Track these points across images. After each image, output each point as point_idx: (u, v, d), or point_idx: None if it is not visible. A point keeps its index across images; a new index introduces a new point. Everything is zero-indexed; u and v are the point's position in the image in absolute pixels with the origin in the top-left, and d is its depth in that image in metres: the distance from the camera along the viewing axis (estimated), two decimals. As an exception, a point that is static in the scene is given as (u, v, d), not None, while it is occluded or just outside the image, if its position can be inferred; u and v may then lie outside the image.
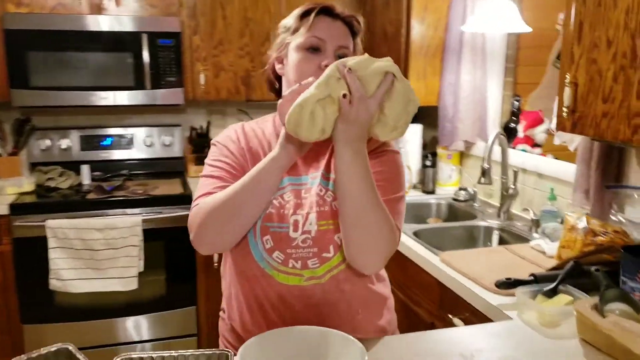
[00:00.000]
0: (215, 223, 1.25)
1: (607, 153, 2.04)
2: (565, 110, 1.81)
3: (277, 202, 1.34)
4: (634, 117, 1.59)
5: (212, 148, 1.42)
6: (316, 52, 1.30)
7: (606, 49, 1.67)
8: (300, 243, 1.32)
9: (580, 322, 1.45)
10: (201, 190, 1.34)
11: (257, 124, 1.45)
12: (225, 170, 1.35)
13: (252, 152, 1.38)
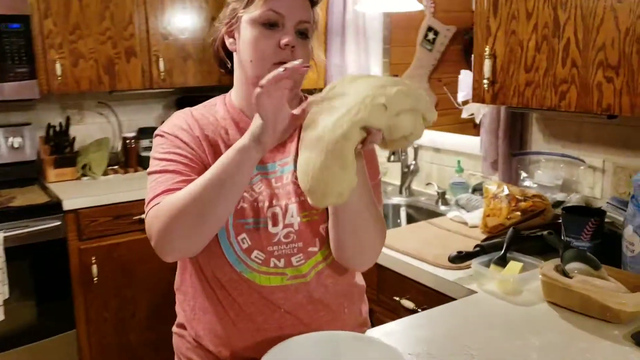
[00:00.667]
0: (180, 226, 1.06)
1: (512, 122, 2.14)
2: (485, 82, 1.85)
3: (249, 195, 1.18)
4: (561, 84, 1.67)
5: (158, 140, 1.21)
6: (274, 28, 1.13)
7: (526, 21, 1.73)
8: (283, 238, 1.18)
9: (548, 285, 1.48)
10: (157, 188, 1.13)
11: (205, 109, 1.26)
12: (182, 163, 1.15)
13: (210, 141, 1.19)
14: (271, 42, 1.12)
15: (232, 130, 1.21)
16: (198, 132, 1.19)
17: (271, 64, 1.11)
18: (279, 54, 1.12)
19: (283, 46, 1.11)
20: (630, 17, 1.48)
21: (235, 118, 1.22)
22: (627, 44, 1.50)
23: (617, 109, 1.55)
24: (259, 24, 1.13)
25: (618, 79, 1.53)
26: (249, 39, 1.15)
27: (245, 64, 1.17)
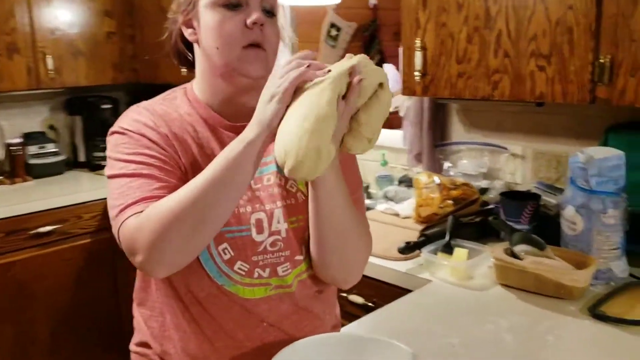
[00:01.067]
0: (177, 236, 0.94)
1: (435, 114, 2.19)
2: (417, 74, 1.87)
3: None
4: (494, 74, 1.72)
5: (118, 138, 1.06)
6: (238, 8, 1.03)
7: (456, 13, 1.77)
8: (269, 247, 1.09)
9: (502, 268, 1.52)
10: (130, 195, 0.99)
11: (166, 104, 1.12)
12: (156, 166, 1.02)
13: (179, 139, 1.07)
14: (237, 23, 1.02)
15: (201, 127, 1.09)
16: (165, 129, 1.06)
17: (240, 47, 1.03)
18: (247, 35, 1.02)
19: (251, 25, 1.02)
20: (561, 9, 1.56)
21: (202, 114, 1.10)
22: (558, 34, 1.58)
23: (549, 96, 1.63)
24: (220, 6, 1.03)
25: (550, 68, 1.61)
26: (211, 24, 1.04)
27: (210, 52, 1.06)
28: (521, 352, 1.21)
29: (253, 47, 1.03)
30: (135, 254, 0.96)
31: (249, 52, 1.03)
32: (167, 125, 1.07)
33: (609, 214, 1.47)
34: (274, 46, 1.07)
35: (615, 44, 1.48)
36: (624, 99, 1.49)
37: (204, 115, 1.10)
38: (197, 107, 1.11)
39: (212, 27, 1.04)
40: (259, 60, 1.04)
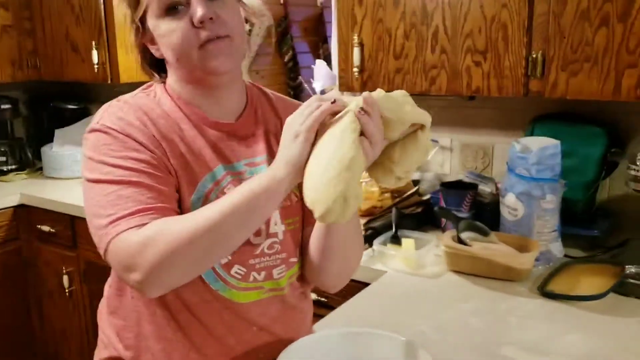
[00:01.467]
0: (184, 261, 0.89)
1: (366, 109, 2.23)
2: (355, 70, 1.89)
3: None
4: (431, 69, 1.79)
5: (101, 138, 0.97)
6: (179, 11, 0.95)
7: (393, 9, 1.81)
8: (266, 250, 1.05)
9: (453, 255, 1.59)
10: (122, 205, 0.91)
11: (148, 99, 1.04)
12: (147, 173, 0.94)
13: (167, 139, 1.00)
14: (183, 27, 0.95)
15: (186, 125, 1.03)
16: (152, 128, 0.99)
17: (197, 49, 0.96)
18: (200, 33, 0.96)
19: (198, 24, 0.95)
20: (495, 6, 1.64)
21: (185, 111, 1.04)
22: (494, 30, 1.66)
23: (485, 91, 1.71)
24: (163, 17, 0.96)
25: (486, 63, 1.69)
26: (162, 39, 0.98)
27: (173, 65, 1.01)
28: (489, 334, 1.27)
29: (210, 42, 0.96)
30: (131, 271, 0.89)
31: (207, 48, 0.97)
32: (153, 124, 1.00)
33: (548, 200, 1.58)
34: (236, 28, 1.00)
35: (546, 40, 1.59)
36: (556, 91, 1.60)
37: (187, 112, 1.04)
38: (180, 103, 1.05)
39: (164, 42, 0.99)
40: (221, 53, 0.98)
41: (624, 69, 1.49)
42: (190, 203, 0.99)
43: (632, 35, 1.47)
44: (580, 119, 1.82)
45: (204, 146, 1.02)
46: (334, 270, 1.10)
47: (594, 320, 1.32)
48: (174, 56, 0.99)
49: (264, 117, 1.12)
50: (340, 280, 1.15)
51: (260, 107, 1.13)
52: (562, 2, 1.54)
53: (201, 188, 1.00)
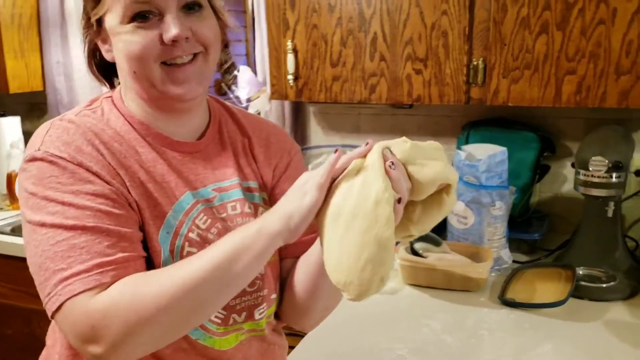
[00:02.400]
0: (158, 330, 0.75)
1: (295, 117, 2.14)
2: (290, 78, 1.80)
3: (195, 234, 0.88)
4: (370, 77, 1.73)
5: (46, 169, 0.80)
6: (147, 19, 0.82)
7: (328, 14, 1.74)
8: (247, 287, 0.92)
9: (409, 269, 1.54)
10: (74, 259, 0.76)
11: (95, 119, 0.88)
12: (104, 212, 0.79)
13: (124, 166, 0.85)
14: (149, 40, 0.82)
15: (143, 147, 0.88)
16: (107, 154, 0.84)
17: (159, 64, 0.84)
18: (167, 51, 0.83)
19: (169, 41, 0.82)
20: (436, 13, 1.62)
21: (141, 131, 0.89)
22: (434, 37, 1.64)
23: (427, 99, 1.69)
24: (128, 24, 0.82)
25: (427, 71, 1.67)
26: (121, 47, 0.84)
27: (130, 79, 0.86)
28: (467, 351, 1.23)
29: (177, 67, 0.84)
30: (91, 343, 0.74)
31: (174, 71, 0.84)
32: (106, 149, 0.84)
33: (497, 206, 1.58)
34: (212, 45, 0.88)
35: (487, 47, 1.59)
36: (497, 98, 1.61)
37: (143, 132, 0.89)
38: (132, 122, 0.90)
39: (123, 51, 0.84)
40: (189, 78, 0.85)
41: (563, 75, 1.53)
42: (158, 239, 0.85)
43: (570, 43, 1.50)
44: (513, 124, 1.86)
45: (166, 171, 0.88)
46: (319, 310, 1.00)
47: (559, 327, 1.32)
48: (131, 68, 0.85)
49: (229, 136, 1.00)
50: (321, 320, 1.05)
51: (224, 125, 1.00)
52: (503, 10, 1.55)
53: (170, 221, 0.86)
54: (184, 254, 0.86)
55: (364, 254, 0.73)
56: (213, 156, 0.96)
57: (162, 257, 0.85)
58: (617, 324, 1.33)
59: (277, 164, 1.02)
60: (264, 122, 1.07)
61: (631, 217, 1.79)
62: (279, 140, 1.04)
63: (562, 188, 1.91)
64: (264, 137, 1.02)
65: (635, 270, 1.52)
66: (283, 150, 1.04)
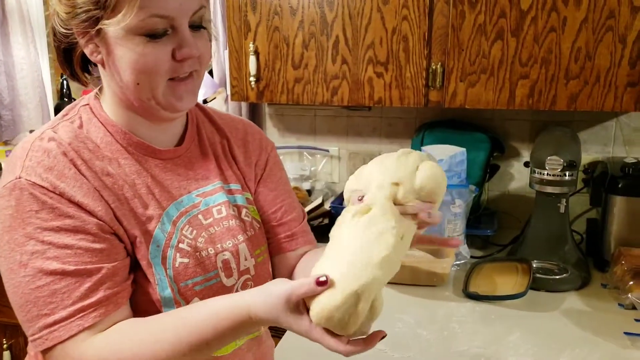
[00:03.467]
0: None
1: (252, 119, 2.14)
2: (252, 79, 1.80)
3: (185, 244, 0.88)
4: (332, 80, 1.77)
5: (25, 200, 0.78)
6: (161, 37, 0.81)
7: (290, 17, 1.76)
8: (240, 289, 0.94)
9: (377, 267, 1.58)
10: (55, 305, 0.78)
11: (72, 133, 0.85)
12: (85, 249, 0.79)
13: (109, 187, 0.84)
14: (162, 56, 0.81)
15: (125, 159, 0.87)
16: (90, 175, 0.82)
17: (166, 81, 0.83)
18: (176, 68, 0.83)
19: (180, 58, 0.82)
20: (396, 18, 1.68)
21: (122, 141, 0.88)
22: (395, 41, 1.69)
23: (387, 101, 1.74)
24: (139, 35, 0.80)
25: (387, 74, 1.72)
26: (128, 58, 0.81)
27: (126, 86, 0.84)
28: (444, 344, 1.28)
29: (180, 81, 0.85)
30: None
31: (178, 86, 0.84)
32: (88, 168, 0.83)
33: (457, 204, 1.65)
34: (207, 62, 0.89)
35: (446, 52, 1.66)
36: (455, 101, 1.68)
37: (124, 143, 0.88)
38: (115, 132, 0.88)
39: (130, 62, 0.81)
40: (188, 92, 0.86)
41: (517, 79, 1.62)
42: (148, 255, 0.86)
43: (524, 49, 1.59)
44: (465, 125, 1.94)
45: (150, 183, 0.88)
46: None
47: (523, 317, 1.40)
48: (135, 80, 0.82)
49: (208, 137, 1.00)
50: None
51: (202, 127, 1.00)
52: (461, 17, 1.62)
53: (158, 235, 0.87)
54: (176, 265, 0.87)
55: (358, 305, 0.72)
56: (194, 160, 0.96)
57: (155, 273, 0.85)
58: (573, 312, 1.42)
59: (256, 162, 1.04)
60: (238, 120, 1.08)
61: (574, 212, 1.92)
62: (255, 139, 1.06)
63: (510, 186, 2.02)
64: (241, 136, 1.04)
65: (583, 263, 1.63)
66: (261, 148, 1.06)
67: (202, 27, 0.86)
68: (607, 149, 1.91)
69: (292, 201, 1.07)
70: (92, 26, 0.81)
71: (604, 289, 1.55)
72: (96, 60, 0.85)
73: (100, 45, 0.83)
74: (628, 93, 1.55)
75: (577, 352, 1.24)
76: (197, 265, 0.88)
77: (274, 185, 1.05)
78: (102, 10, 0.79)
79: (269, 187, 1.05)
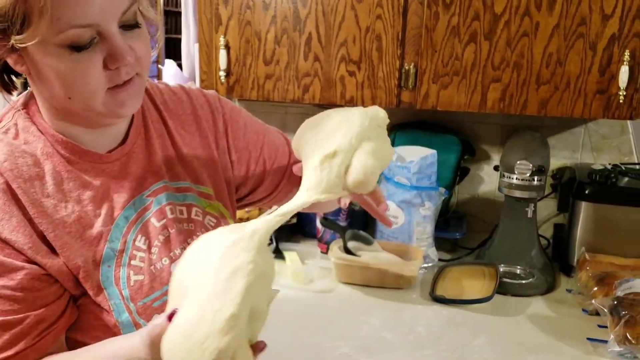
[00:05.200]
0: None
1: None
2: (222, 74, 1.76)
3: (138, 260, 0.83)
4: (304, 77, 1.74)
5: None
6: (88, 47, 0.73)
7: (263, 12, 1.73)
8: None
9: (343, 267, 1.56)
10: None
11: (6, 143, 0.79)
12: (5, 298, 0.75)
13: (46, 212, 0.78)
14: (92, 68, 0.73)
15: (69, 173, 0.81)
16: (27, 201, 0.76)
17: (104, 92, 0.76)
18: (113, 77, 0.76)
19: (113, 67, 0.75)
20: (370, 17, 1.66)
21: (65, 153, 0.82)
22: (368, 40, 1.67)
23: (359, 100, 1.72)
24: (62, 47, 0.72)
25: (360, 73, 1.70)
26: (54, 72, 0.73)
27: (60, 100, 0.77)
28: (408, 347, 1.27)
29: (120, 87, 0.78)
30: None
31: (118, 93, 0.78)
32: (24, 192, 0.76)
33: (426, 207, 1.64)
34: (147, 61, 0.82)
35: (419, 53, 1.65)
36: (427, 103, 1.67)
37: (68, 153, 0.82)
38: (55, 142, 0.81)
39: (57, 77, 0.74)
40: (131, 97, 0.79)
41: (489, 83, 1.61)
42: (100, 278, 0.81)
43: (496, 53, 1.59)
44: (436, 127, 1.93)
45: (96, 195, 0.83)
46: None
47: (489, 321, 1.40)
48: (67, 95, 0.75)
49: (154, 128, 0.92)
50: None
51: (149, 115, 0.92)
52: (435, 18, 1.61)
53: (109, 253, 0.82)
54: (131, 284, 0.82)
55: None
56: (142, 156, 0.89)
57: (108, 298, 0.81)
58: (538, 317, 1.42)
59: (215, 133, 0.98)
60: (181, 92, 0.99)
61: (541, 216, 1.92)
62: (204, 108, 0.99)
63: (479, 189, 2.02)
64: (189, 112, 0.96)
65: (549, 268, 1.64)
66: (213, 116, 0.99)
67: (137, 25, 0.78)
68: (575, 154, 1.93)
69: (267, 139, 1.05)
70: (5, 40, 0.72)
71: (569, 294, 1.55)
72: (22, 70, 0.77)
73: (23, 56, 0.75)
74: (597, 100, 1.56)
75: (542, 357, 1.24)
76: (152, 281, 0.84)
77: (244, 142, 1.01)
78: (9, 23, 0.69)
79: (241, 145, 1.00)
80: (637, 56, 1.49)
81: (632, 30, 1.49)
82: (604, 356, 1.24)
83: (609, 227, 1.62)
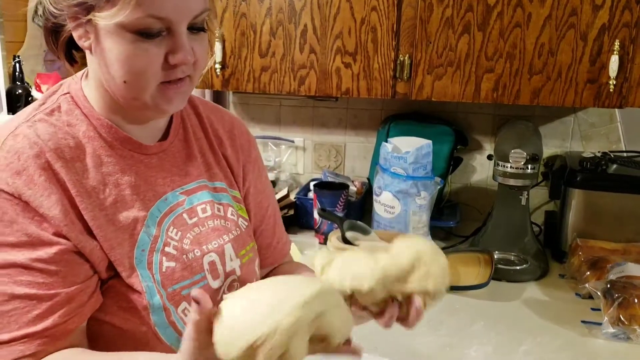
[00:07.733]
0: None
1: (214, 108, 2.11)
2: (218, 67, 1.77)
3: (172, 247, 0.86)
4: (300, 69, 1.75)
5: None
6: (155, 38, 0.76)
7: (258, 4, 1.74)
8: (227, 291, 0.92)
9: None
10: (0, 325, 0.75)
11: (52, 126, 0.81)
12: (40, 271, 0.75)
13: (87, 191, 0.80)
14: (155, 58, 0.77)
15: (110, 157, 0.83)
16: (69, 180, 0.78)
17: (157, 84, 0.80)
18: (169, 73, 0.79)
19: (173, 63, 0.78)
20: (365, 9, 1.67)
21: (108, 137, 0.84)
22: (363, 32, 1.69)
23: (355, 92, 1.74)
24: (133, 32, 0.75)
25: (355, 65, 1.72)
26: (117, 54, 0.77)
27: (113, 82, 0.80)
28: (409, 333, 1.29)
29: (172, 83, 0.81)
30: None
31: (168, 89, 0.81)
32: (68, 172, 0.78)
33: (422, 196, 1.67)
34: (203, 65, 0.85)
35: (413, 44, 1.67)
36: (422, 94, 1.69)
37: (110, 138, 0.85)
38: (100, 126, 0.84)
39: (119, 58, 0.77)
40: (179, 95, 0.82)
41: (483, 73, 1.64)
42: (134, 260, 0.82)
43: (490, 43, 1.62)
44: (430, 118, 1.96)
45: (134, 182, 0.85)
46: None
47: (486, 306, 1.43)
48: (122, 77, 0.78)
49: (194, 131, 0.97)
50: None
51: (188, 119, 0.97)
52: (429, 9, 1.63)
53: (144, 238, 0.84)
54: (163, 270, 0.84)
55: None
56: (179, 156, 0.93)
57: (142, 280, 0.82)
58: (534, 302, 1.46)
59: (245, 161, 1.03)
60: (224, 112, 1.06)
61: (533, 204, 1.96)
62: (242, 132, 1.05)
63: (472, 178, 2.06)
64: (227, 129, 1.02)
65: (542, 254, 1.67)
66: (249, 144, 1.05)
67: (203, 30, 0.82)
68: (565, 143, 1.97)
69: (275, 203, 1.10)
70: (84, 13, 0.76)
71: (562, 279, 1.59)
72: (84, 46, 0.81)
73: (90, 32, 0.78)
74: (588, 89, 1.59)
75: (538, 340, 1.28)
76: (184, 269, 0.86)
77: (262, 186, 1.07)
78: (100, 3, 0.74)
79: (258, 188, 1.05)
80: (626, 46, 1.53)
81: (622, 21, 1.53)
82: (599, 337, 1.28)
83: (599, 213, 1.66)
